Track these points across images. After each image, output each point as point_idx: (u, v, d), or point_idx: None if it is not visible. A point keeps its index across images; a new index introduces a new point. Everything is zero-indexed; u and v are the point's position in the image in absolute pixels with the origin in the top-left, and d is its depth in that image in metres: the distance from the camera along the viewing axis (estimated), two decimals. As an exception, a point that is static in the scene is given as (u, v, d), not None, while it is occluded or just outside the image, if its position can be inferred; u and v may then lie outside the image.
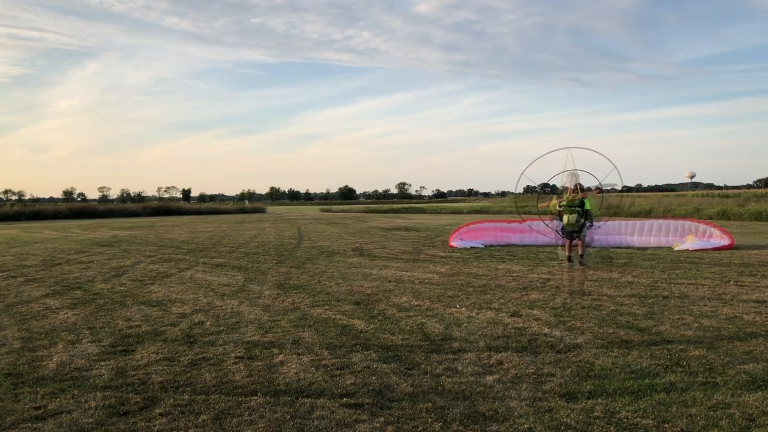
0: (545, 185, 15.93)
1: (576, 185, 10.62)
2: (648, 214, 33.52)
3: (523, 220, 16.95)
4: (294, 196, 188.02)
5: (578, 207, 10.63)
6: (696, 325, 6.29)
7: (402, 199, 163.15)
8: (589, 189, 13.66)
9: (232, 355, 5.40)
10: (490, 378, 4.64)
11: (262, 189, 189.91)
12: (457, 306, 7.58)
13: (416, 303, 7.82)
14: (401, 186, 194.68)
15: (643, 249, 14.43)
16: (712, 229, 14.81)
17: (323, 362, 5.12)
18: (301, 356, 5.32)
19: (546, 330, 6.18)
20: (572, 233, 10.88)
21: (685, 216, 31.29)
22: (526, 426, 3.71)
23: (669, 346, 5.47)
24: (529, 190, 20.84)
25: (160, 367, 5.04)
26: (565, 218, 10.69)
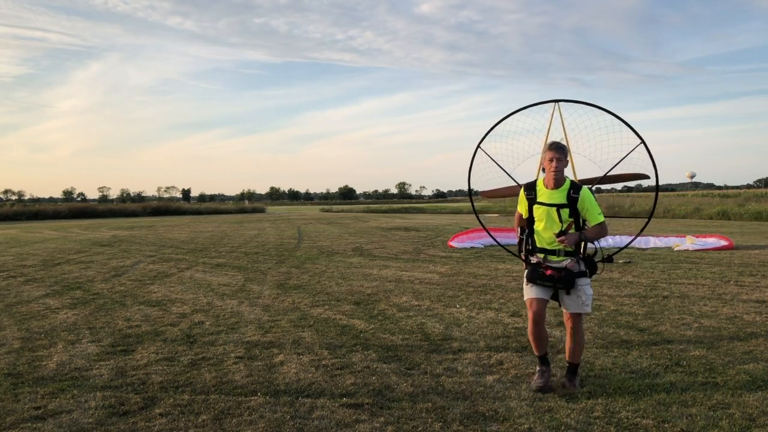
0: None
1: (555, 159, 4.38)
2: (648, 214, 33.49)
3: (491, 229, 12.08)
4: (294, 196, 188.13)
5: (567, 205, 4.39)
6: (696, 325, 6.29)
7: (402, 199, 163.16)
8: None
9: (232, 355, 5.40)
10: (490, 378, 4.64)
11: (262, 189, 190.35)
12: (457, 306, 7.58)
13: (416, 303, 7.81)
14: (401, 186, 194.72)
15: (643, 249, 14.43)
16: (713, 239, 14.83)
17: (323, 362, 5.12)
18: (301, 356, 5.32)
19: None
20: (551, 277, 4.40)
21: (684, 216, 31.32)
22: (526, 426, 3.70)
23: (669, 346, 5.47)
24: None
25: (160, 367, 5.03)
26: (540, 225, 4.48)
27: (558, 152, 4.43)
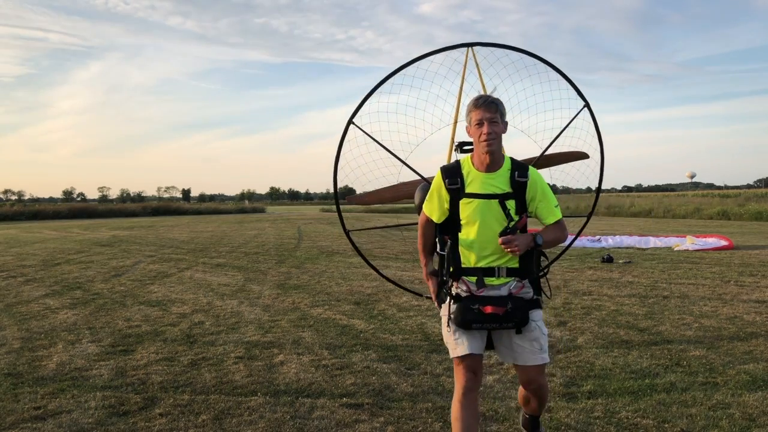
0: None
1: (487, 120, 2.76)
2: (648, 214, 33.52)
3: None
4: (294, 196, 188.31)
5: (513, 194, 2.83)
6: (696, 325, 6.28)
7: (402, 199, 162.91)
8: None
9: (232, 355, 5.40)
10: (490, 378, 4.63)
11: (262, 189, 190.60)
12: (457, 306, 7.56)
13: (416, 303, 7.81)
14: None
15: (643, 249, 14.42)
16: (713, 239, 14.82)
17: (323, 362, 5.12)
18: (301, 356, 5.32)
19: (546, 330, 6.16)
20: (494, 316, 2.79)
21: (684, 216, 31.32)
22: (526, 426, 3.70)
23: (669, 346, 5.47)
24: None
25: (160, 367, 5.03)
26: (472, 230, 2.87)
27: (489, 110, 2.81)
